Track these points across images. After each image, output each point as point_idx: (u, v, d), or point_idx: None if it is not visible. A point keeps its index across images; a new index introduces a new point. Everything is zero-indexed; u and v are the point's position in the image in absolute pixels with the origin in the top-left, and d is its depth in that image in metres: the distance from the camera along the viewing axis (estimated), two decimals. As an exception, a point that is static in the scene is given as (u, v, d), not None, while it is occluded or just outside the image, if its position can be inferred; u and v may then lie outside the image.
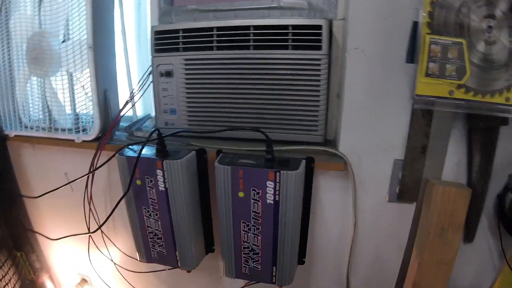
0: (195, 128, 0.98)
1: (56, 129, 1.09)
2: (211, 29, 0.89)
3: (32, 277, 1.38)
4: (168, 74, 0.96)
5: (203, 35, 0.90)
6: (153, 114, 1.08)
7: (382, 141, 0.85)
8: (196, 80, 0.94)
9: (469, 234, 0.91)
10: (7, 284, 1.29)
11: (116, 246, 1.20)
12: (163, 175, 0.84)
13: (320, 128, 0.89)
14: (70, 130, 1.06)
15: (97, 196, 1.11)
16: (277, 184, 0.74)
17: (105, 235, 1.17)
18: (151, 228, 0.94)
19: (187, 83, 0.95)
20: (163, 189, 0.85)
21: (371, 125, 0.84)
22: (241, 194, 0.78)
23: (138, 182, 0.88)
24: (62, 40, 1.03)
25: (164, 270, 1.11)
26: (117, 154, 0.88)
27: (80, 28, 0.96)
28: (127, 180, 0.87)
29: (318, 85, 0.85)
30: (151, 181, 0.86)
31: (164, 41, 0.94)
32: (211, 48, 0.90)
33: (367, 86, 0.82)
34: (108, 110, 1.01)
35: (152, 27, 0.95)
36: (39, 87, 1.10)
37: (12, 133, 1.18)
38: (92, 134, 1.02)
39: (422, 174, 0.88)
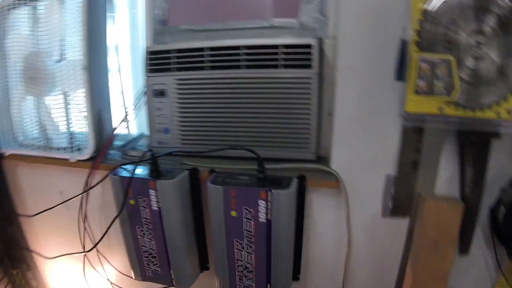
0: (188, 147, 0.99)
1: (52, 148, 1.10)
2: (202, 49, 0.91)
3: (28, 296, 1.37)
4: (162, 93, 0.97)
5: (195, 55, 0.92)
6: (147, 133, 1.09)
7: (374, 157, 0.86)
8: (189, 100, 0.95)
9: (464, 247, 0.91)
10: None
11: (111, 265, 1.19)
12: (156, 195, 0.84)
13: (312, 145, 0.89)
14: (64, 149, 1.07)
15: (92, 215, 1.11)
16: (269, 203, 0.75)
17: (101, 253, 1.17)
18: (146, 247, 0.94)
19: (180, 103, 0.96)
20: (156, 208, 0.86)
21: (362, 142, 0.85)
22: (233, 213, 0.79)
23: (132, 201, 0.88)
24: (58, 60, 1.04)
25: (159, 288, 1.10)
26: (110, 174, 0.88)
27: (75, 49, 0.98)
28: (120, 200, 0.87)
29: (309, 104, 0.87)
30: (144, 200, 0.86)
31: (157, 61, 0.96)
32: (203, 68, 0.92)
33: (358, 104, 0.83)
34: (102, 130, 1.02)
35: (146, 48, 0.96)
36: (35, 106, 1.11)
37: (7, 151, 1.18)
38: (86, 154, 1.03)
39: (415, 188, 0.88)
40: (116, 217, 0.89)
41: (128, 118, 1.07)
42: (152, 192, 0.84)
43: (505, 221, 0.81)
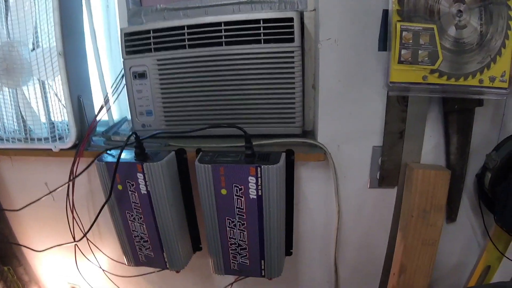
0: (172, 128, 0.97)
1: (33, 139, 1.06)
2: (182, 27, 0.88)
3: (20, 291, 1.36)
4: (142, 75, 0.94)
5: (174, 34, 0.89)
6: (129, 117, 1.07)
7: (359, 128, 0.86)
8: (171, 80, 0.93)
9: (452, 214, 0.94)
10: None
11: (103, 253, 1.19)
12: (144, 178, 0.83)
13: (298, 120, 0.89)
14: (46, 139, 1.03)
15: (79, 204, 1.09)
16: (259, 179, 0.74)
17: (91, 242, 1.16)
18: (137, 231, 0.93)
19: (161, 84, 0.94)
20: (145, 192, 0.85)
21: (347, 114, 0.85)
22: (223, 191, 0.78)
23: (120, 187, 0.87)
24: (32, 48, 1.00)
25: (153, 272, 1.10)
26: (96, 161, 0.86)
27: (49, 35, 0.93)
28: (108, 186, 0.86)
29: (292, 78, 0.86)
30: (133, 185, 0.85)
31: (134, 43, 0.92)
32: (183, 47, 0.89)
33: (342, 76, 0.82)
34: (84, 116, 0.99)
35: (121, 29, 0.93)
36: (12, 98, 1.07)
37: (-14, 147, 1.14)
38: (69, 142, 1.00)
39: (401, 158, 0.89)
40: (105, 203, 0.87)
41: (109, 103, 1.04)
42: (139, 175, 0.83)
43: (491, 186, 0.83)
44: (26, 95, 1.04)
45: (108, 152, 0.88)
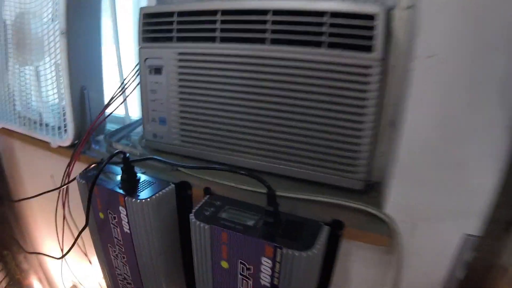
0: (187, 147, 0.73)
1: (36, 128, 0.90)
2: (214, 12, 0.62)
3: (18, 277, 1.26)
4: (158, 71, 0.71)
5: (204, 20, 0.64)
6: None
7: (451, 205, 0.54)
8: (193, 82, 0.68)
9: None
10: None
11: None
12: (127, 215, 0.60)
13: (361, 169, 0.59)
14: (47, 131, 0.87)
15: (76, 207, 0.92)
16: (277, 264, 0.47)
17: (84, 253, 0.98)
18: (120, 270, 0.72)
19: (180, 85, 0.70)
20: (128, 231, 0.62)
21: (439, 179, 0.53)
22: (224, 265, 0.52)
23: (101, 215, 0.66)
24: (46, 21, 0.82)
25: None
26: (77, 177, 0.66)
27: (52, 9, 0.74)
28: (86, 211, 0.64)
29: (363, 105, 0.56)
30: (114, 218, 0.63)
31: (154, 27, 0.70)
32: (213, 39, 0.64)
33: (442, 117, 0.50)
34: (86, 112, 0.80)
35: (140, 8, 0.71)
36: (17, 76, 0.92)
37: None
38: (67, 140, 0.82)
39: (501, 259, 0.55)
40: (82, 230, 0.66)
41: (124, 97, 0.83)
42: (122, 210, 0.60)
43: None
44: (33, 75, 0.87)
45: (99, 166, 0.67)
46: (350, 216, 0.56)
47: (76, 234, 0.82)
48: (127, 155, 0.59)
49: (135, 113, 0.97)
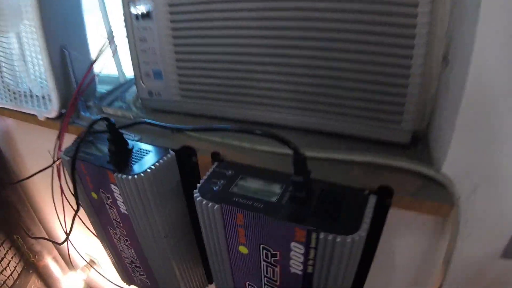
0: (189, 102, 0.61)
1: (25, 100, 0.79)
2: None
3: (32, 260, 1.22)
4: (146, 15, 0.58)
5: None
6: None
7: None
8: (189, 22, 0.55)
9: None
10: (6, 267, 1.15)
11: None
12: (121, 193, 0.50)
13: (408, 118, 0.46)
14: (31, 102, 0.76)
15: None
16: (312, 250, 0.36)
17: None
18: (125, 253, 0.63)
19: (174, 28, 0.56)
20: (125, 211, 0.52)
21: (508, 131, 0.40)
22: (243, 250, 0.42)
23: (94, 195, 0.56)
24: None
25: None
26: (62, 154, 0.55)
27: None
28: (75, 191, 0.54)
29: (412, 35, 0.42)
30: (109, 198, 0.53)
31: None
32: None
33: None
34: (70, 76, 0.67)
35: None
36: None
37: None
38: (52, 111, 0.71)
39: None
40: (75, 215, 0.57)
41: (112, 53, 0.70)
42: (114, 188, 0.50)
43: None
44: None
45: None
46: (396, 178, 0.44)
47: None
48: (112, 121, 0.47)
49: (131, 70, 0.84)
